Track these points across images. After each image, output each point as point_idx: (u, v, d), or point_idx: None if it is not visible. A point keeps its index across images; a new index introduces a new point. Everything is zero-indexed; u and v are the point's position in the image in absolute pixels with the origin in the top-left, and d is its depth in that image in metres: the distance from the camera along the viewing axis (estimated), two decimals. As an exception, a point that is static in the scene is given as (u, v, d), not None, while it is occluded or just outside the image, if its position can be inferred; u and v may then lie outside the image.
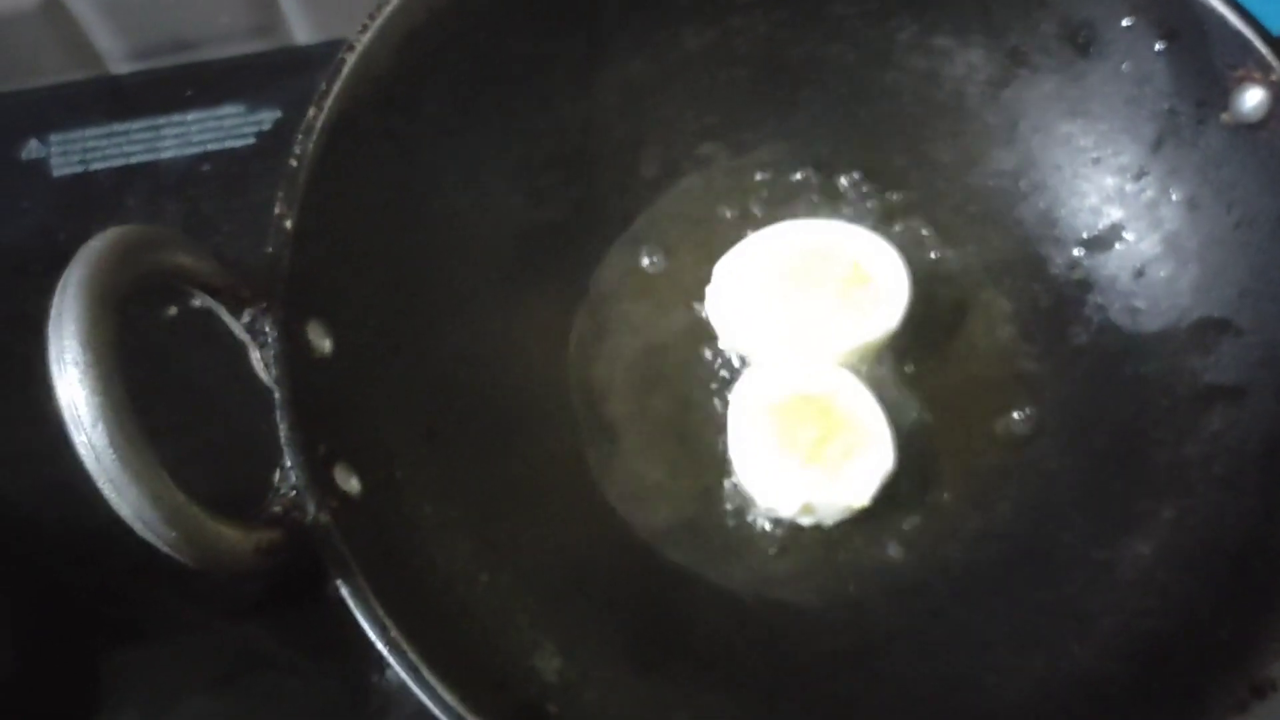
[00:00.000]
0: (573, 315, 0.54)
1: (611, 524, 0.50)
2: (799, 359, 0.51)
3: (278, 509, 0.39)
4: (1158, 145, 0.51)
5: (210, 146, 0.64)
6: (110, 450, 0.32)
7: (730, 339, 0.53)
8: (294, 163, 0.43)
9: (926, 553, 0.49)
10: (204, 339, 0.47)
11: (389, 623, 0.37)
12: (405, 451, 0.46)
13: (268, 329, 0.41)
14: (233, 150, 0.63)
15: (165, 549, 0.34)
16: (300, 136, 0.44)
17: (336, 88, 0.45)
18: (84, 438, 0.33)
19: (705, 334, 0.54)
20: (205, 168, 0.63)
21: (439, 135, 0.50)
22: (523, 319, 0.53)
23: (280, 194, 0.43)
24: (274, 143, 0.63)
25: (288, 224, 0.42)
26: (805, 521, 0.49)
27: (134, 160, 0.63)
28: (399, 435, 0.46)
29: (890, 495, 0.49)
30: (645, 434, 0.52)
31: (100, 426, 0.32)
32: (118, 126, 0.64)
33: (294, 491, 0.39)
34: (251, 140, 0.64)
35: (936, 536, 0.50)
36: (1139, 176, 0.52)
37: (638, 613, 0.48)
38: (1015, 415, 0.52)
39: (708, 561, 0.49)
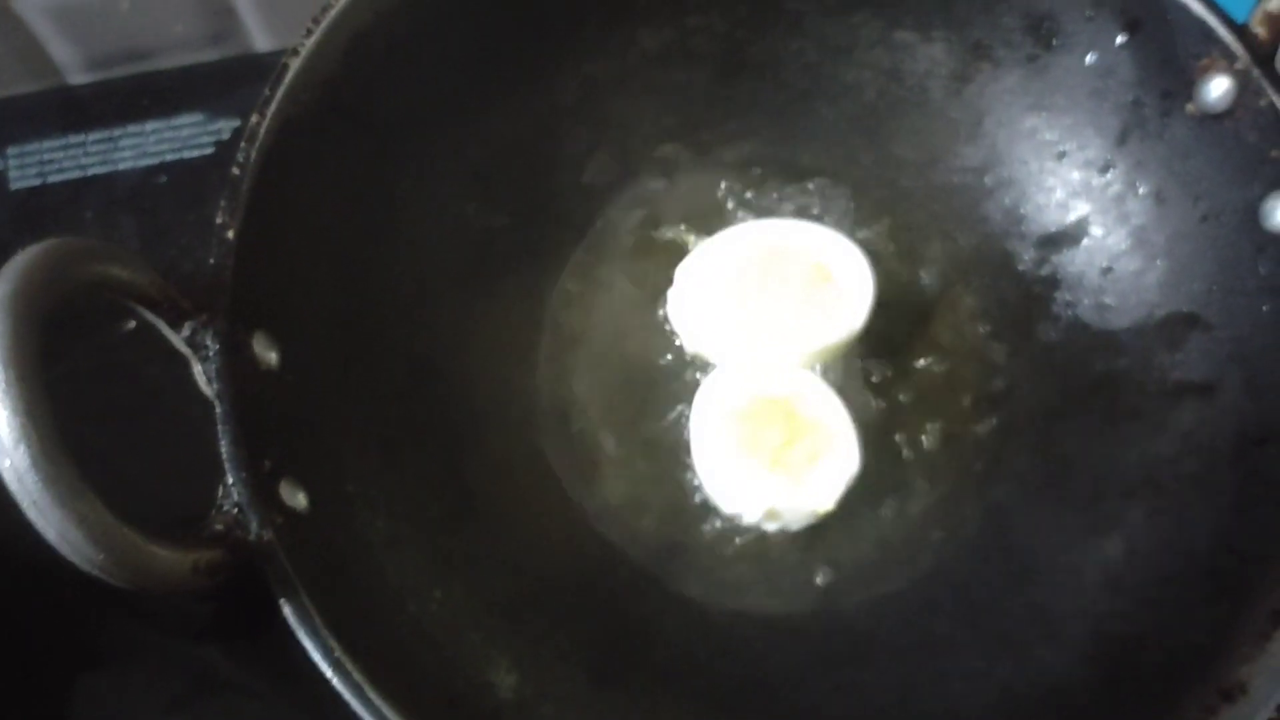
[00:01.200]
0: (532, 322, 0.53)
1: (571, 535, 0.49)
2: (763, 361, 0.50)
3: (219, 526, 0.38)
4: (1123, 138, 0.50)
5: (168, 157, 0.62)
6: (32, 471, 0.32)
7: (693, 342, 0.52)
8: (236, 171, 0.43)
9: (892, 558, 0.48)
10: (162, 353, 0.46)
11: (333, 642, 0.37)
12: (357, 465, 0.45)
13: (209, 342, 0.40)
14: (190, 160, 0.62)
15: (94, 572, 0.33)
16: (243, 144, 0.43)
17: (280, 93, 0.44)
18: (5, 460, 0.32)
19: (668, 338, 0.53)
20: (162, 179, 0.62)
21: (389, 140, 0.49)
22: (481, 327, 0.52)
23: (223, 203, 0.42)
24: (233, 152, 0.62)
25: (230, 234, 0.42)
26: (770, 527, 0.48)
27: (91, 172, 0.62)
28: (351, 448, 0.45)
29: (857, 499, 0.48)
30: (608, 442, 0.51)
31: (21, 447, 0.32)
32: (74, 138, 0.63)
33: (236, 509, 0.38)
34: (210, 150, 0.63)
35: (903, 541, 0.49)
36: (1105, 170, 0.51)
37: (597, 625, 0.47)
38: (983, 415, 0.51)
39: (670, 570, 0.48)
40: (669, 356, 0.52)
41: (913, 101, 0.54)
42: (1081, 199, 0.52)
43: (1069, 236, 0.52)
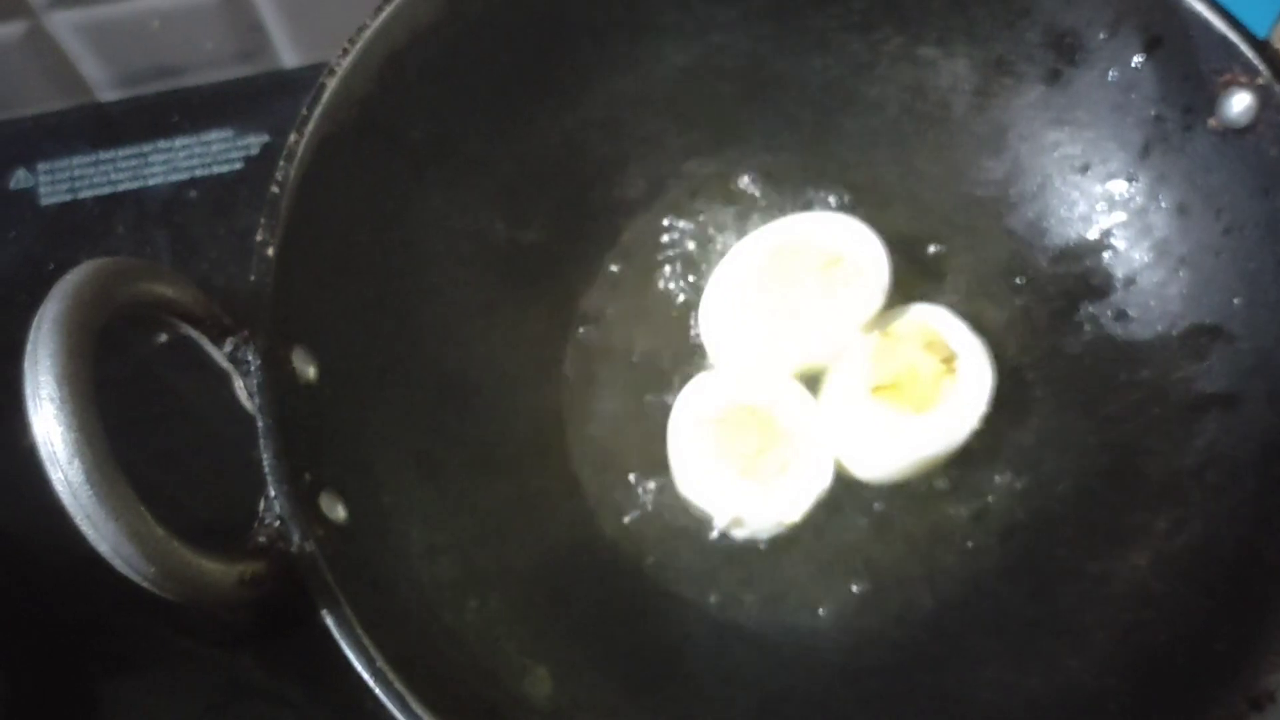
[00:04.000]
0: (562, 337, 0.54)
1: (603, 547, 0.50)
2: (793, 359, 0.51)
3: (262, 539, 0.39)
4: (1145, 152, 0.50)
5: (198, 172, 0.63)
6: (86, 486, 0.32)
7: (722, 354, 0.52)
8: (276, 189, 0.43)
9: (921, 567, 0.49)
10: (195, 366, 0.47)
11: (375, 652, 0.37)
12: (393, 478, 0.46)
13: (250, 357, 0.41)
14: (220, 176, 0.63)
15: (145, 584, 0.34)
16: (282, 162, 0.44)
17: (317, 112, 0.45)
18: (60, 474, 0.32)
19: (696, 351, 0.53)
20: (192, 194, 0.63)
21: (423, 158, 0.50)
22: (512, 342, 0.53)
23: (263, 220, 0.43)
24: (261, 167, 0.63)
25: (270, 251, 0.42)
26: (738, 534, 0.49)
27: (121, 188, 0.63)
28: (386, 462, 0.46)
29: (887, 509, 0.49)
30: (637, 454, 0.52)
31: (76, 462, 0.32)
32: (105, 154, 0.64)
33: (279, 521, 0.39)
34: (239, 165, 0.64)
35: (931, 550, 0.49)
36: (1128, 183, 0.51)
37: (628, 636, 0.47)
38: (1007, 425, 0.51)
39: (699, 583, 0.49)
40: (697, 368, 0.53)
41: (936, 116, 0.55)
42: (1104, 212, 0.52)
43: (1092, 249, 0.52)
